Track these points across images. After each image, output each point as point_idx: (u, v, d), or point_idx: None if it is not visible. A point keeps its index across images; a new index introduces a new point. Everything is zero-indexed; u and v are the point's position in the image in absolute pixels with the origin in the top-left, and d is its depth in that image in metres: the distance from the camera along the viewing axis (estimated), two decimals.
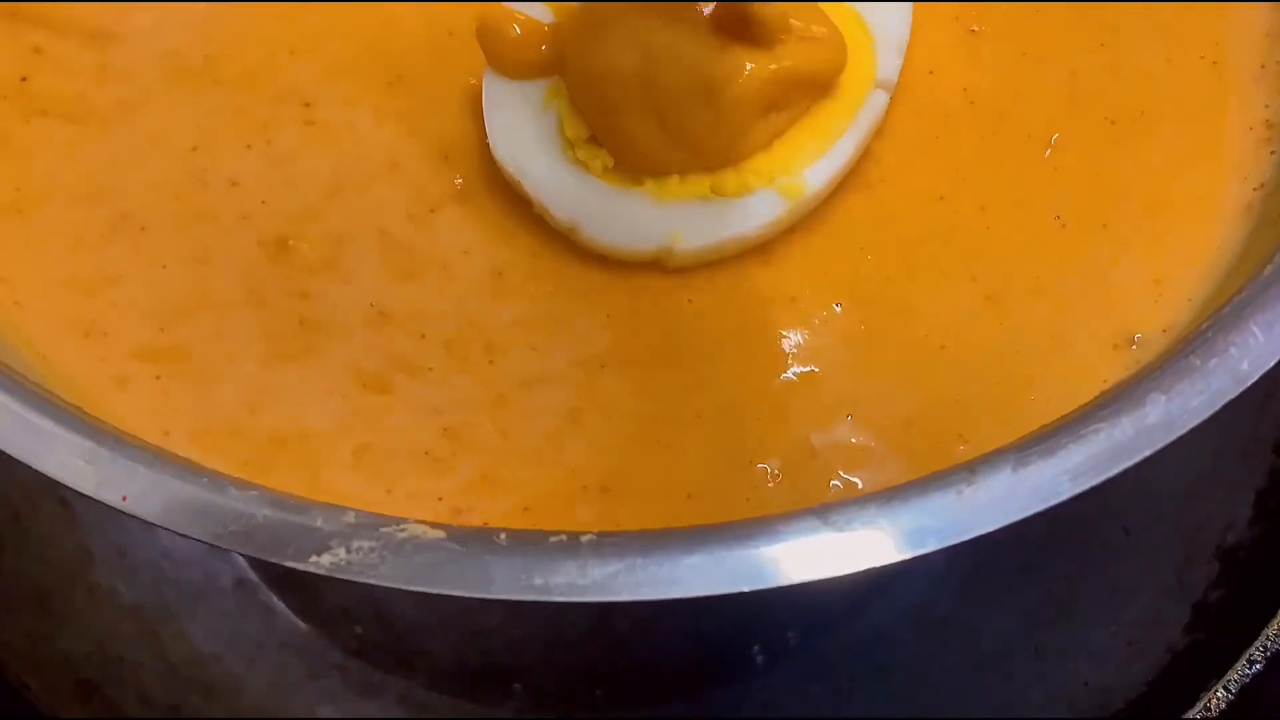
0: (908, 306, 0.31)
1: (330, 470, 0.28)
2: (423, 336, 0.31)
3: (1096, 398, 0.26)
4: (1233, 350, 0.26)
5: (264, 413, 0.29)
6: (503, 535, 0.24)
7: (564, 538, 0.24)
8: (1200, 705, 0.37)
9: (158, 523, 0.24)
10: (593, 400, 0.30)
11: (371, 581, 0.23)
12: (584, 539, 0.24)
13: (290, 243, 0.32)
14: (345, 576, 0.23)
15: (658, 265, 0.32)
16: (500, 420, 0.30)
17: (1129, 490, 0.45)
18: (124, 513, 0.24)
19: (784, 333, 0.31)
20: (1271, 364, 0.26)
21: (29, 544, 0.44)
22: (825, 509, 0.24)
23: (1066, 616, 0.43)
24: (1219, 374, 0.26)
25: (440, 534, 0.24)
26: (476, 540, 0.24)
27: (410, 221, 0.32)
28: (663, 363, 0.31)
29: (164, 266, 0.31)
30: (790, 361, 0.31)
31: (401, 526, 0.24)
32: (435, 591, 0.23)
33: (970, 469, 0.25)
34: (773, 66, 0.30)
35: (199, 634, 0.45)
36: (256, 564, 0.46)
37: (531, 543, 0.24)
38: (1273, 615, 0.38)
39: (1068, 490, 0.25)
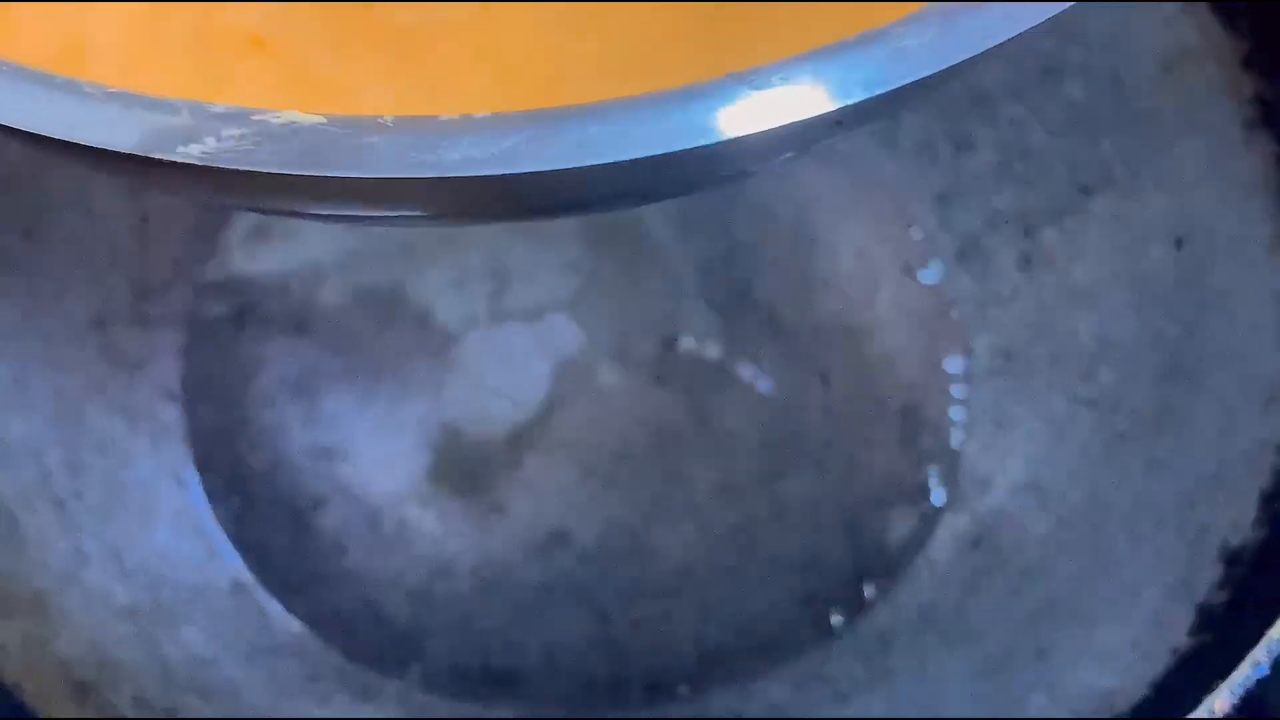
0: None
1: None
2: None
3: None
4: None
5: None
6: (389, 119, 0.22)
7: (457, 117, 0.22)
8: (1204, 707, 0.37)
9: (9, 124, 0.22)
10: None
11: (246, 168, 0.22)
12: (479, 117, 0.22)
13: None
14: (218, 164, 0.22)
15: None
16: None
17: (1132, 492, 0.44)
18: None
19: None
20: None
21: (23, 545, 0.44)
22: (741, 74, 0.22)
23: (1070, 619, 0.43)
24: None
25: (320, 119, 0.22)
26: (360, 123, 0.22)
27: None
28: None
29: None
30: None
31: (276, 114, 0.22)
32: (318, 174, 0.22)
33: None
34: None
35: (195, 636, 0.44)
36: (254, 565, 0.46)
37: (422, 123, 0.22)
38: (1278, 618, 0.38)
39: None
